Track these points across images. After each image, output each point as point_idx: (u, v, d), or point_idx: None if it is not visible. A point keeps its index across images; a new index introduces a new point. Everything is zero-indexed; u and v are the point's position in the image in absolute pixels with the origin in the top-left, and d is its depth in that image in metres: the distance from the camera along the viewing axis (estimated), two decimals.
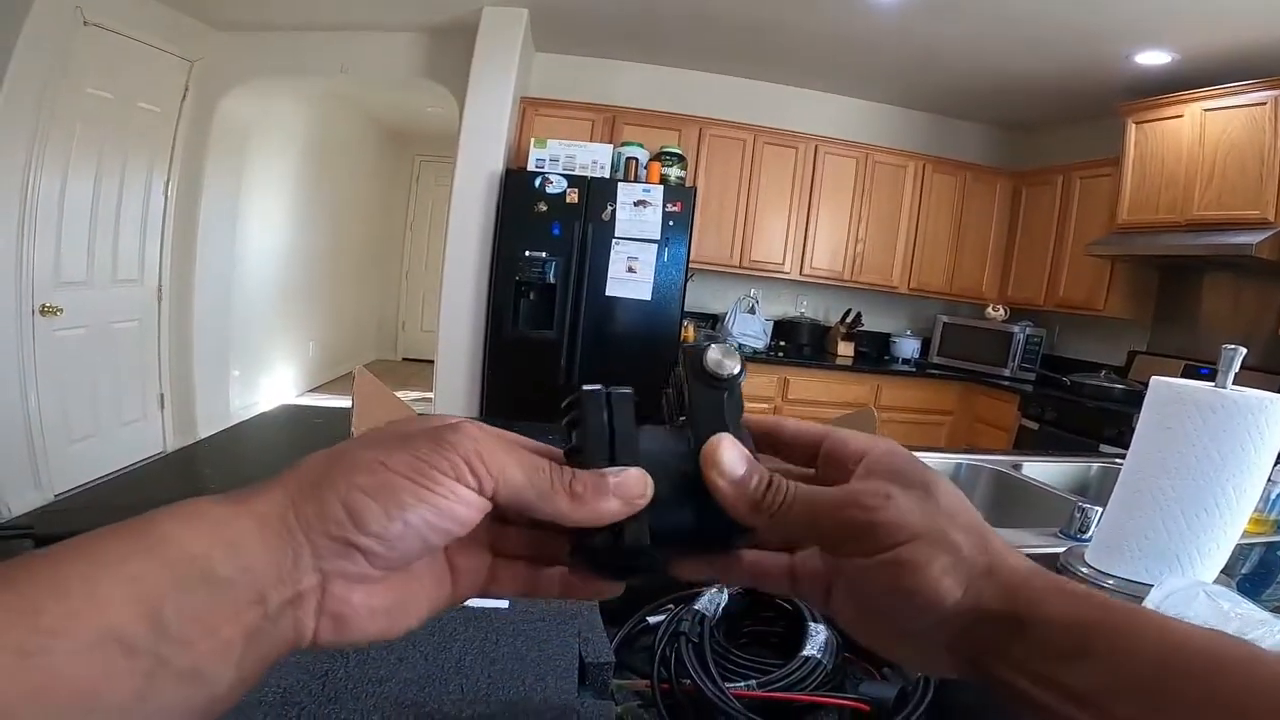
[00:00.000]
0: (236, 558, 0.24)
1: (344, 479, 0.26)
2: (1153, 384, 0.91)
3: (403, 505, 0.26)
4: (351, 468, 0.27)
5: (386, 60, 4.09)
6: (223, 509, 0.25)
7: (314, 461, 0.28)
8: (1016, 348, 4.03)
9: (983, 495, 1.67)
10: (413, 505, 0.26)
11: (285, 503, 0.26)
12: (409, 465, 0.27)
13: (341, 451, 0.28)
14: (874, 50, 3.73)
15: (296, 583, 0.25)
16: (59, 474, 3.18)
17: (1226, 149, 3.06)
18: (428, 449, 0.27)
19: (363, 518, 0.26)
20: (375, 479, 0.26)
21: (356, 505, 0.26)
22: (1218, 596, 0.68)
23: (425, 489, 0.26)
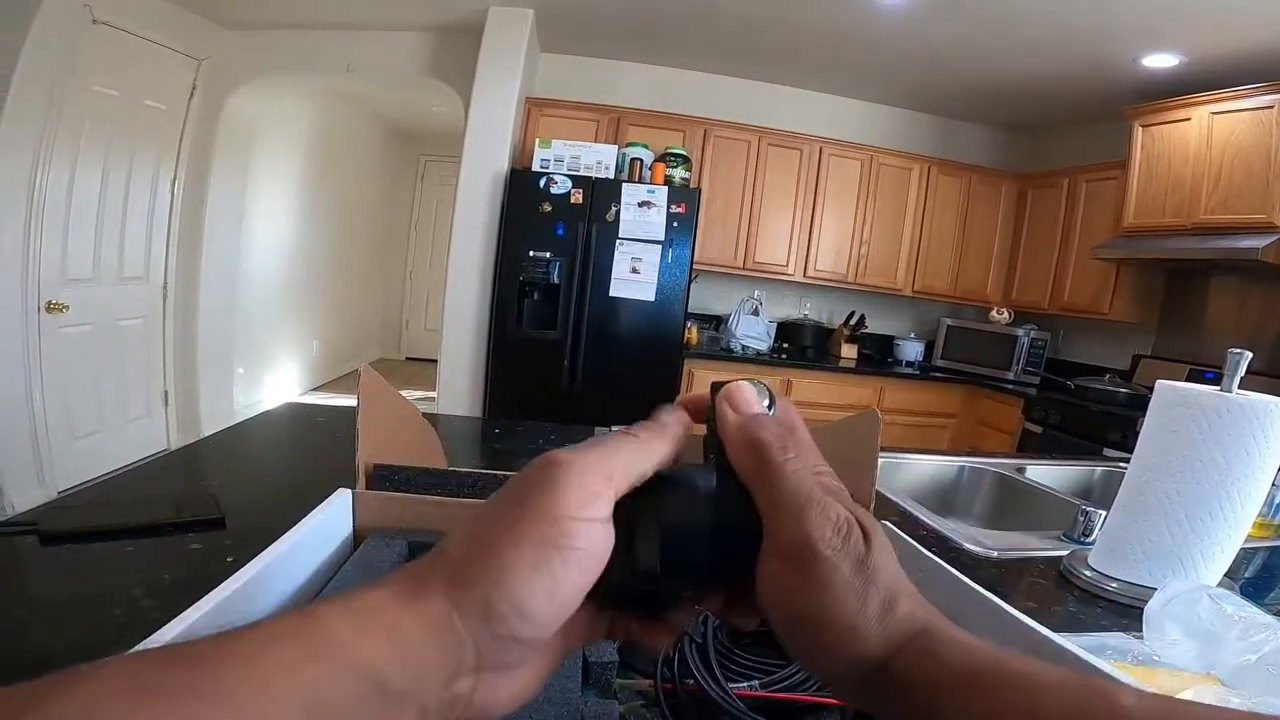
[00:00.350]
0: (408, 667, 0.23)
1: (498, 572, 0.25)
2: (1158, 388, 0.91)
3: (557, 579, 0.26)
4: (501, 558, 0.26)
5: (392, 59, 4.10)
6: (394, 611, 0.24)
7: (460, 551, 0.26)
8: (1021, 351, 4.02)
9: (986, 498, 1.67)
10: (564, 577, 0.26)
11: (448, 604, 0.25)
12: (547, 533, 0.26)
13: (482, 538, 0.26)
14: (879, 52, 3.73)
15: (457, 686, 0.25)
16: (62, 471, 3.19)
17: (1234, 152, 3.05)
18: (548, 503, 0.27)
19: (527, 610, 0.25)
20: (527, 563, 0.25)
21: (521, 599, 0.25)
22: (1221, 599, 0.68)
23: (570, 549, 0.26)
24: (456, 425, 1.89)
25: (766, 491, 0.29)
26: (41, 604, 0.67)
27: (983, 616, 0.52)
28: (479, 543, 0.26)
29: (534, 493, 0.27)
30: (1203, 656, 0.64)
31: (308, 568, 0.55)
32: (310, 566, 0.56)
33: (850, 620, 0.27)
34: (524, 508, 0.27)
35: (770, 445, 0.30)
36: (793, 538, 0.28)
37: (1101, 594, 0.92)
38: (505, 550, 0.25)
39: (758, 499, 0.30)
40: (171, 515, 0.86)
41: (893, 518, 1.17)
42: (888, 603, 0.28)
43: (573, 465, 0.27)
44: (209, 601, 0.40)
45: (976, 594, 0.53)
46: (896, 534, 0.67)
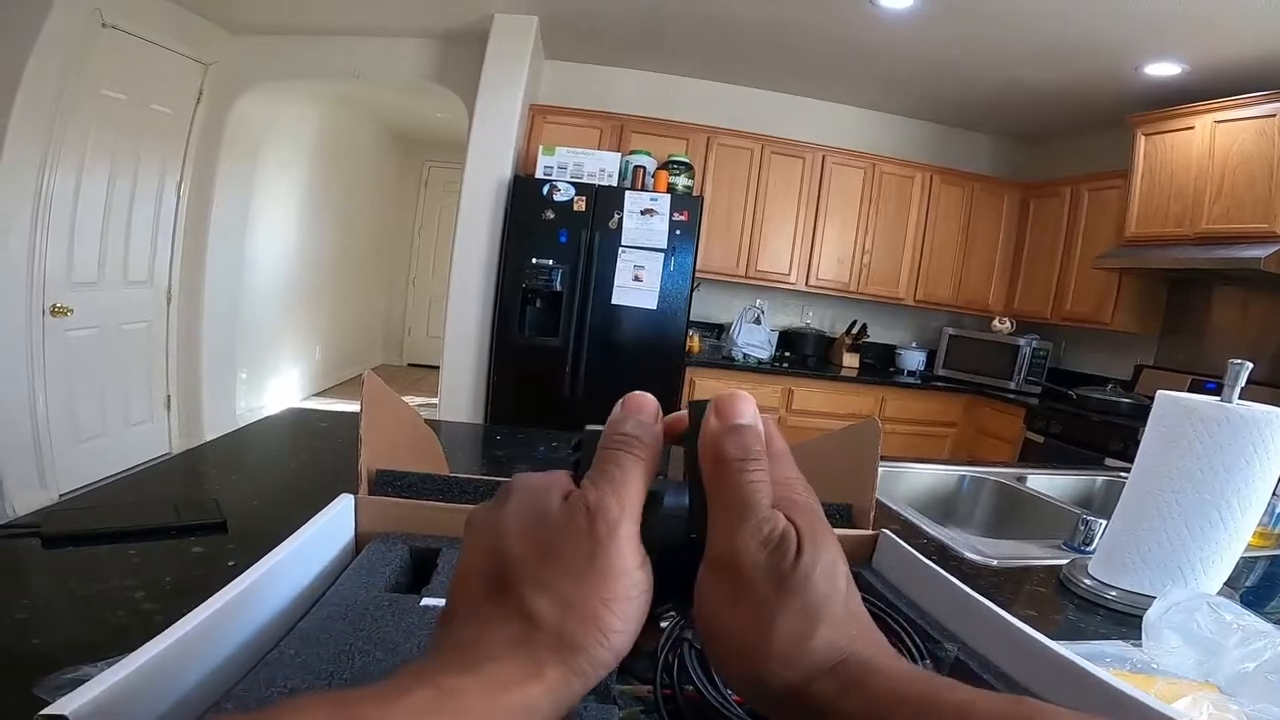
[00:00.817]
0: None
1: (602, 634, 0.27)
2: (1158, 398, 0.91)
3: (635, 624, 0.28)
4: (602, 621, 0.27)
5: (397, 66, 4.12)
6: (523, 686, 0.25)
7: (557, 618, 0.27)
8: (1022, 360, 4.02)
9: (986, 507, 1.67)
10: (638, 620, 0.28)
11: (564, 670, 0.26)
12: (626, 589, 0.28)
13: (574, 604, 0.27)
14: (883, 60, 3.74)
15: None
16: (64, 474, 3.20)
17: (1236, 161, 3.04)
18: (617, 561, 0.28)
19: (619, 654, 0.28)
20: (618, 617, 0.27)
21: (619, 649, 0.28)
22: (1220, 608, 0.68)
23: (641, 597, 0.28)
24: (458, 431, 1.89)
25: (715, 499, 0.29)
26: (43, 606, 0.68)
27: (980, 624, 0.52)
28: (575, 612, 0.27)
29: (602, 555, 0.28)
30: (1201, 664, 0.64)
31: (310, 572, 0.56)
32: (312, 571, 0.56)
33: (759, 639, 0.27)
34: (599, 571, 0.28)
35: (731, 454, 0.30)
36: (721, 547, 0.28)
37: (1101, 602, 0.92)
38: (602, 613, 0.27)
39: (710, 507, 0.30)
40: (173, 519, 0.86)
41: (894, 526, 1.17)
42: (804, 626, 0.27)
43: (623, 519, 0.28)
44: (213, 604, 0.40)
45: (975, 602, 0.53)
46: (893, 540, 0.67)
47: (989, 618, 0.51)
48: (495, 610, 0.27)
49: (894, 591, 0.62)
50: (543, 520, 0.29)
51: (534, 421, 3.48)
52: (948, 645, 0.52)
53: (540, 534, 0.28)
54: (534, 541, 0.28)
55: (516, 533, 0.29)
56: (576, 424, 0.32)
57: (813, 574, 0.28)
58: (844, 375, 4.16)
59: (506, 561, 0.28)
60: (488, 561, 0.29)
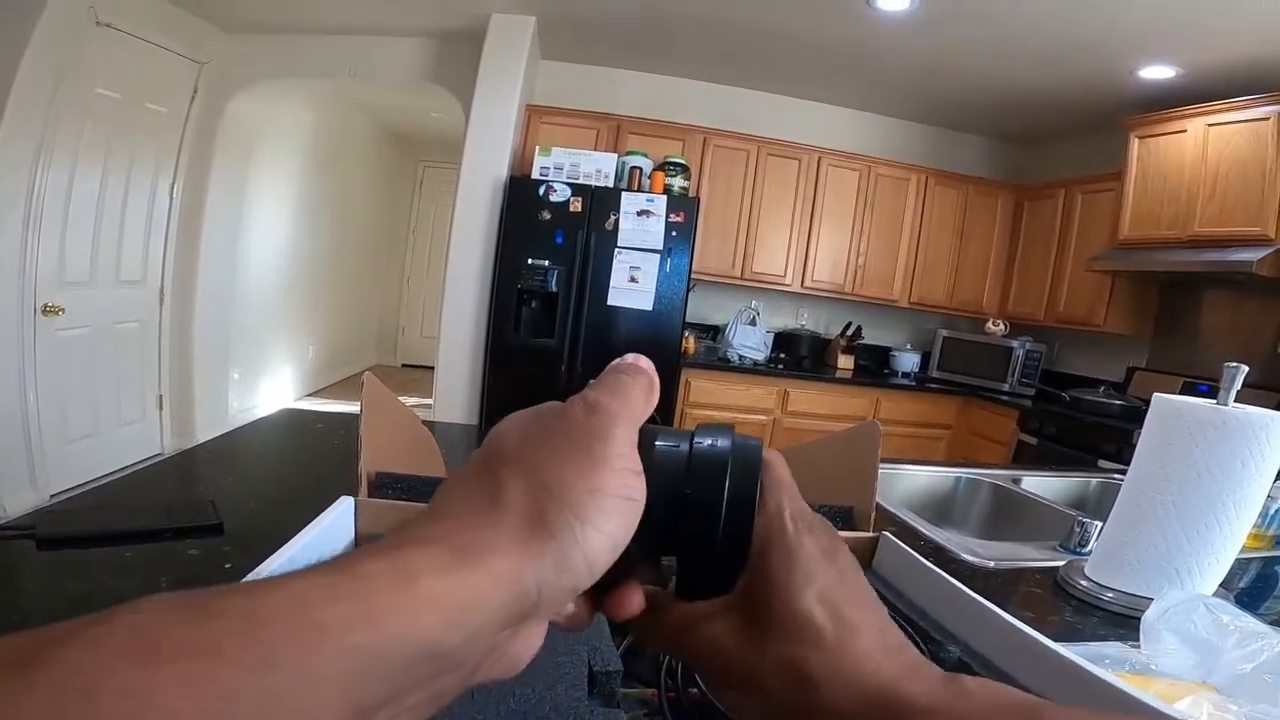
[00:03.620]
0: (464, 628, 0.21)
1: (580, 524, 0.24)
2: (1155, 401, 0.91)
3: (621, 531, 0.26)
4: (582, 510, 0.25)
5: (394, 65, 4.11)
6: (455, 572, 0.22)
7: (527, 501, 0.25)
8: (1016, 362, 4.04)
9: (982, 509, 1.67)
10: (625, 528, 0.26)
11: (519, 558, 0.23)
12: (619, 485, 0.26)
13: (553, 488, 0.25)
14: (878, 63, 3.75)
15: (500, 635, 0.23)
16: (55, 474, 3.18)
17: (1229, 164, 3.06)
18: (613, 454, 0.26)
19: (595, 561, 0.25)
20: (604, 512, 0.25)
21: (594, 550, 0.24)
22: (1217, 609, 0.68)
23: (633, 501, 0.26)
24: (454, 433, 1.88)
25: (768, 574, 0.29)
26: (38, 608, 0.67)
27: (982, 626, 0.52)
28: (553, 492, 0.25)
29: (598, 442, 0.26)
30: (1199, 665, 0.65)
31: None
32: None
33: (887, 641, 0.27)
34: (593, 456, 0.26)
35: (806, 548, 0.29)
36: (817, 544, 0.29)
37: (1098, 604, 0.93)
38: (585, 501, 0.25)
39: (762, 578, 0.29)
40: (169, 521, 0.86)
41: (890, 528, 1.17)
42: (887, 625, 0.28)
43: (621, 417, 0.27)
44: None
45: (977, 604, 0.53)
46: (894, 543, 0.67)
47: (991, 620, 0.51)
48: (468, 490, 0.25)
49: (895, 594, 0.62)
50: (540, 414, 0.28)
51: None
52: (950, 647, 0.52)
53: (535, 424, 0.27)
54: (527, 430, 0.27)
55: (514, 426, 0.28)
56: None
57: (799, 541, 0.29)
58: (839, 377, 4.17)
59: (495, 449, 0.27)
60: (481, 455, 0.27)
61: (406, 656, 0.20)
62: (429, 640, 0.20)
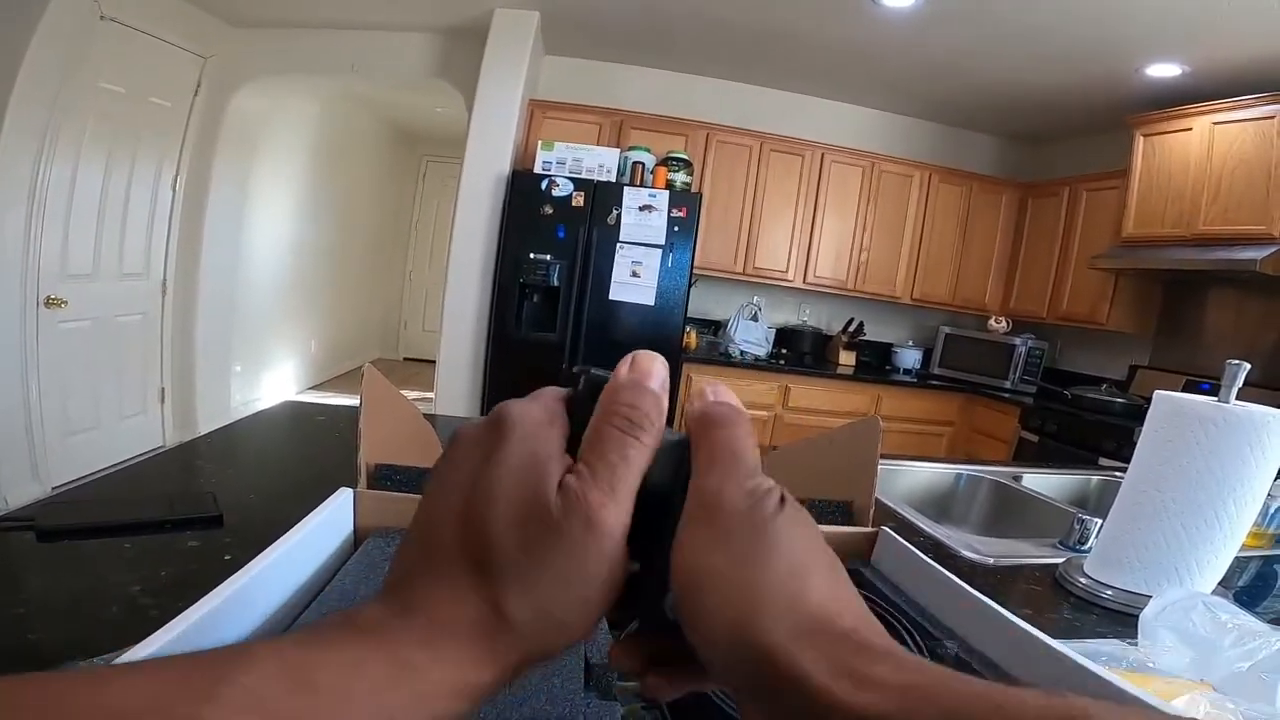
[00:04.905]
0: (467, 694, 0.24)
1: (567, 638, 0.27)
2: (1156, 398, 0.91)
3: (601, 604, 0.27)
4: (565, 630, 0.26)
5: (397, 60, 4.10)
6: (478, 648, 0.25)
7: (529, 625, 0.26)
8: (1018, 360, 4.03)
9: (982, 506, 1.67)
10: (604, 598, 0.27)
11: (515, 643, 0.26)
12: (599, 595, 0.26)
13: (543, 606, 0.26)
14: (883, 59, 3.74)
15: None
16: (57, 466, 3.19)
17: (1235, 163, 3.05)
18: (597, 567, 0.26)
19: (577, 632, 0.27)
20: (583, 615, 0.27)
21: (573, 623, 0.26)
22: (1216, 608, 0.68)
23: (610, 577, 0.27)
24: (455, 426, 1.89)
25: (700, 452, 0.28)
26: (38, 600, 0.67)
27: (981, 623, 0.52)
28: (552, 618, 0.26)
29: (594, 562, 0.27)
30: (1197, 664, 0.64)
31: (309, 567, 0.55)
32: (311, 566, 0.56)
33: (741, 588, 0.25)
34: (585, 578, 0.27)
35: (721, 413, 0.29)
36: (704, 497, 0.27)
37: (1097, 601, 0.93)
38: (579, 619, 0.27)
39: (695, 462, 0.28)
40: (169, 513, 0.86)
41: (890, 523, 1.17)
42: (788, 580, 0.25)
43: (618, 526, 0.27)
44: (211, 601, 0.40)
45: (975, 599, 0.53)
46: (893, 538, 0.67)
47: (989, 615, 0.51)
48: (466, 584, 0.26)
49: (893, 589, 0.62)
50: (534, 511, 0.26)
51: None
52: (947, 643, 0.52)
53: (530, 527, 0.26)
54: (522, 534, 0.26)
55: (504, 512, 0.26)
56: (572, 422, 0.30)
57: (796, 528, 0.27)
58: (840, 373, 4.17)
59: (487, 541, 0.26)
60: (465, 521, 0.27)
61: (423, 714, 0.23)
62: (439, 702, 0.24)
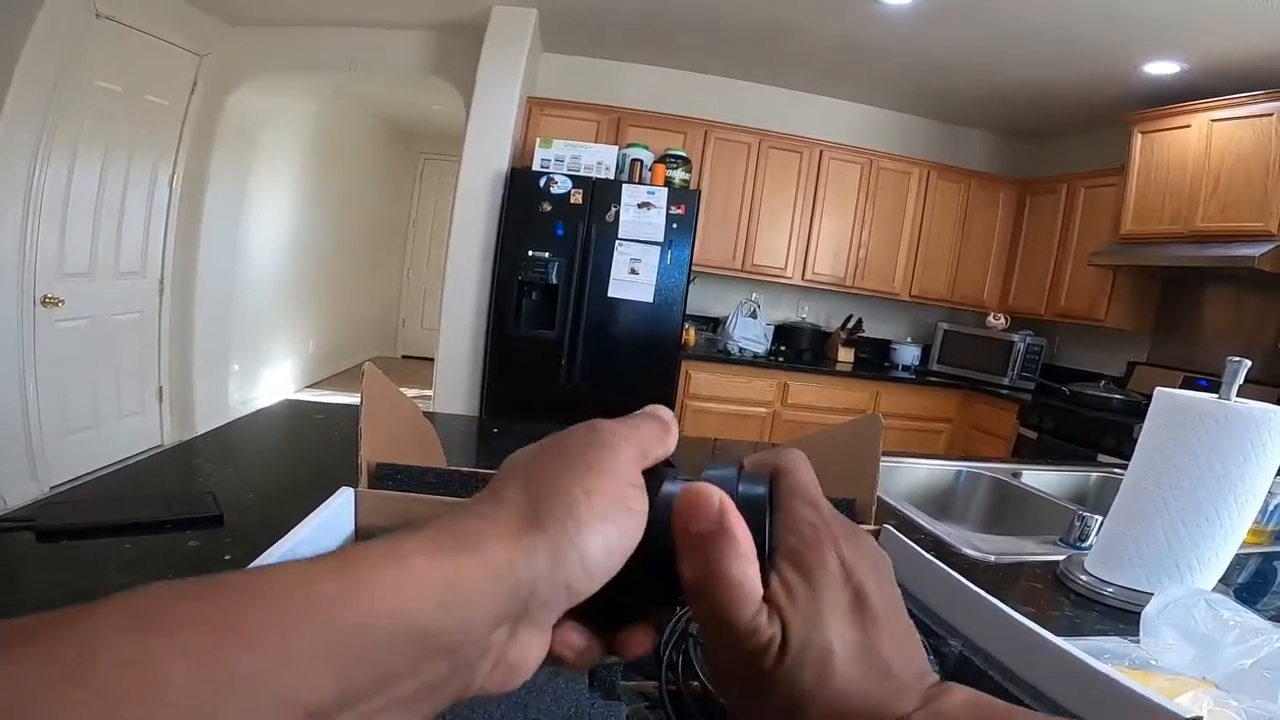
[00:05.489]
0: (455, 612, 0.22)
1: (573, 520, 0.25)
2: (1157, 395, 0.91)
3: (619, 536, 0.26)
4: (575, 507, 0.25)
5: (395, 58, 4.09)
6: (450, 558, 0.22)
7: (524, 498, 0.25)
8: (1017, 357, 4.03)
9: (982, 503, 1.68)
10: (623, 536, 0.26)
11: (514, 547, 0.24)
12: (617, 491, 0.26)
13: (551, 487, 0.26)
14: (881, 56, 3.73)
15: (496, 634, 0.24)
16: (55, 466, 3.18)
17: (1233, 160, 3.05)
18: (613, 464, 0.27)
19: (589, 562, 0.25)
20: (597, 514, 0.25)
21: (588, 549, 0.25)
22: (1217, 605, 0.68)
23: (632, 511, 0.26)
24: (454, 424, 1.89)
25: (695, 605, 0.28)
26: (37, 601, 0.67)
27: (984, 620, 0.52)
28: (549, 490, 0.25)
29: (597, 451, 0.27)
30: (1199, 661, 0.65)
31: None
32: None
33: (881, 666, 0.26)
34: (590, 464, 0.27)
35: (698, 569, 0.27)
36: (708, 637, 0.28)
37: (1098, 598, 0.93)
38: (579, 499, 0.25)
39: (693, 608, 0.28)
40: (168, 512, 0.86)
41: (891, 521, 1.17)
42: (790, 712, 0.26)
43: (623, 435, 0.28)
44: None
45: (979, 598, 0.53)
46: (897, 537, 0.67)
47: (993, 614, 0.51)
48: (467, 504, 0.26)
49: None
50: (548, 439, 0.29)
51: (530, 414, 3.48)
52: (952, 641, 0.52)
53: (546, 445, 0.28)
54: (534, 450, 0.28)
55: (522, 452, 0.29)
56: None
57: (796, 673, 0.26)
58: (839, 370, 4.17)
59: (503, 470, 0.28)
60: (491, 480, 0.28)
61: (394, 634, 0.20)
62: (417, 619, 0.21)
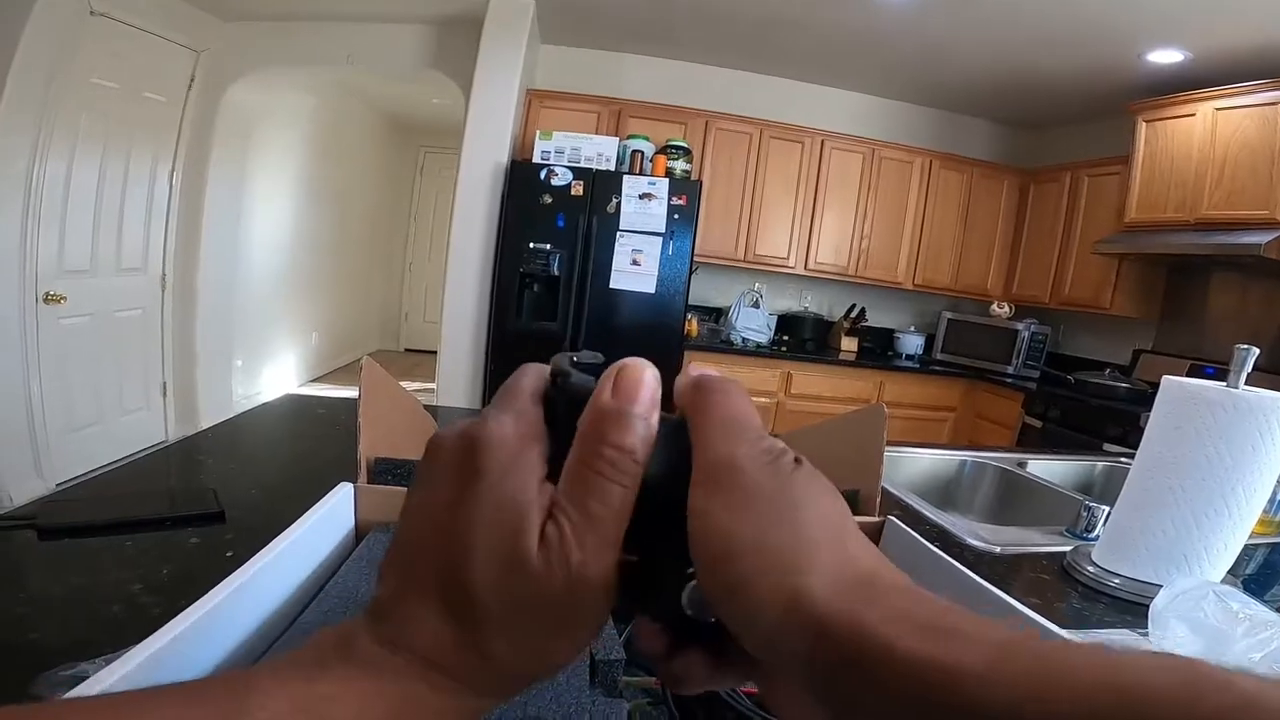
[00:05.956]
0: None
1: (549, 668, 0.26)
2: (1164, 383, 0.90)
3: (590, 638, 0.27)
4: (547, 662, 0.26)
5: (393, 52, 4.07)
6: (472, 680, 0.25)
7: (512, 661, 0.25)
8: (1021, 345, 4.02)
9: (987, 493, 1.67)
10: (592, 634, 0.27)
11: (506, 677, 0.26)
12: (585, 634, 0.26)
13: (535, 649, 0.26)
14: (883, 46, 3.71)
15: None
16: (60, 463, 3.19)
17: (1238, 148, 3.03)
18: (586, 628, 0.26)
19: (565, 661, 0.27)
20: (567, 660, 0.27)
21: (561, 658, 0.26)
22: (1227, 597, 0.67)
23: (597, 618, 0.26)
24: (457, 417, 1.88)
25: (702, 422, 0.26)
26: (40, 599, 0.67)
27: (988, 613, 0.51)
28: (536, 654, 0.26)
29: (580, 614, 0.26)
30: (1208, 654, 0.64)
31: (310, 564, 0.55)
32: (312, 562, 0.55)
33: (772, 539, 0.23)
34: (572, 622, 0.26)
35: (714, 383, 0.28)
36: (715, 459, 0.25)
37: (1105, 590, 0.92)
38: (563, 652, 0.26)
39: (695, 433, 0.26)
40: (170, 509, 0.86)
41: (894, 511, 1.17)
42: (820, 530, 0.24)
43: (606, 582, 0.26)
44: (211, 600, 0.40)
45: (983, 589, 0.52)
46: (900, 529, 0.67)
47: (997, 606, 0.50)
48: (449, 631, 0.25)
49: None
50: (514, 566, 0.24)
51: None
52: None
53: (515, 586, 0.24)
54: (503, 589, 0.24)
55: (483, 564, 0.24)
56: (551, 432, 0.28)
57: (817, 483, 0.25)
58: (842, 359, 4.16)
59: (468, 594, 0.24)
60: (443, 565, 0.25)
61: None
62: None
